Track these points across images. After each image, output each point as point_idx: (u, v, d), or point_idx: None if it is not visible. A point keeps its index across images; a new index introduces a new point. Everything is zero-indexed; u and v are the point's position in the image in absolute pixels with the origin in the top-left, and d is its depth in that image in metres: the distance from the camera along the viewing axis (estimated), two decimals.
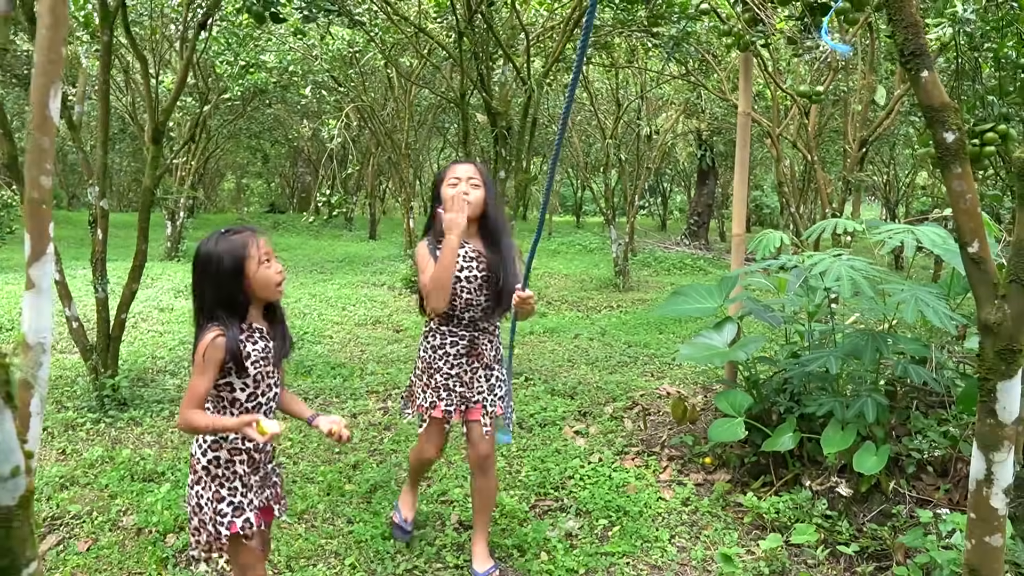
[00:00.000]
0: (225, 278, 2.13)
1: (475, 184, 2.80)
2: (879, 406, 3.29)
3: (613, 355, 6.49)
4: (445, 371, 2.90)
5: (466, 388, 2.93)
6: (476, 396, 2.94)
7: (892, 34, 2.08)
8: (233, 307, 2.16)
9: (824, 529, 3.29)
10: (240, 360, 2.14)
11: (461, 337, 2.90)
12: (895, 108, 6.23)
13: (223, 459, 2.18)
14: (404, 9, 7.15)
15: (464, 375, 2.92)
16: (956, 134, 1.97)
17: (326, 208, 6.45)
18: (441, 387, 2.90)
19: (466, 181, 2.78)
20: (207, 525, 2.16)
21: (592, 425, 4.67)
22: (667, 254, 14.48)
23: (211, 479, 2.18)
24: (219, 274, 2.13)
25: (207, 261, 2.14)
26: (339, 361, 6.05)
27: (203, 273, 2.15)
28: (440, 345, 2.91)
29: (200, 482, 2.19)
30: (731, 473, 3.95)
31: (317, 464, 4.01)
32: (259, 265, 2.17)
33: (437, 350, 2.91)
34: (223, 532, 2.16)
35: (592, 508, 3.54)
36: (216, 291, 2.13)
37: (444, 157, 20.79)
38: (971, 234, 2.02)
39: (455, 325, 2.90)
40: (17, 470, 0.98)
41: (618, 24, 5.66)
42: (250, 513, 2.20)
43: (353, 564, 3.05)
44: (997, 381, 2.07)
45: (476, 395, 2.94)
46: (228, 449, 2.18)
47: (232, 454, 2.19)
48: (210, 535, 2.16)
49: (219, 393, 2.18)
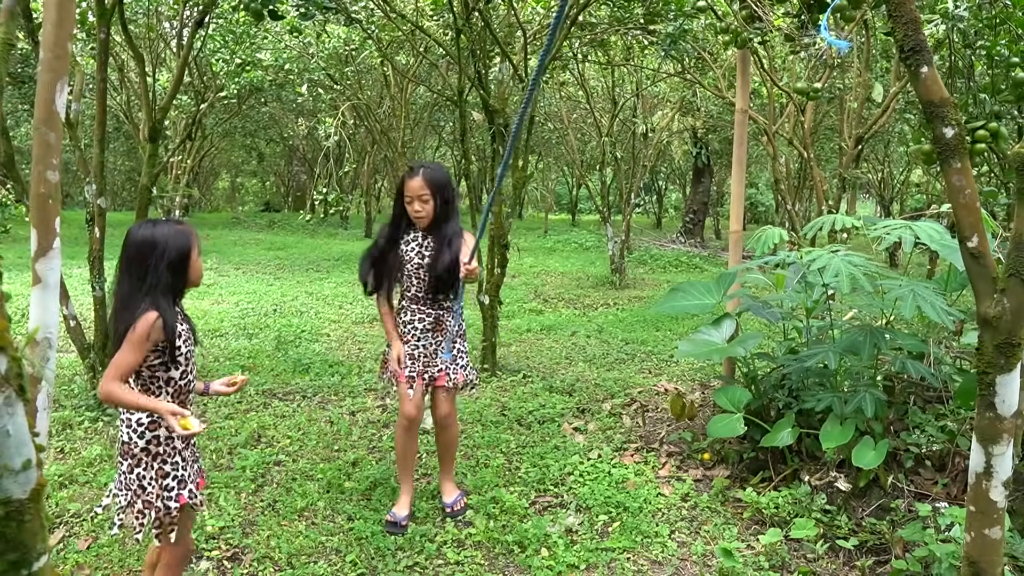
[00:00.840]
0: (174, 264, 2.26)
1: (424, 200, 3.18)
2: (877, 401, 3.30)
3: (610, 352, 6.50)
4: (412, 343, 3.32)
5: (430, 359, 3.34)
6: (441, 365, 3.35)
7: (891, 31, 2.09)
8: (175, 291, 2.30)
9: (823, 524, 3.30)
10: (174, 341, 2.27)
11: (427, 315, 3.33)
12: (891, 105, 6.24)
13: (162, 437, 2.30)
14: (401, 6, 7.14)
15: (429, 347, 3.34)
16: (955, 129, 1.98)
17: (323, 206, 6.44)
18: (407, 355, 3.32)
19: (417, 199, 3.18)
20: (155, 503, 2.29)
21: (591, 422, 4.68)
22: (663, 252, 14.50)
23: (152, 459, 2.30)
24: (167, 259, 2.25)
25: (151, 246, 2.25)
26: (337, 359, 6.05)
27: (145, 257, 2.24)
28: (410, 320, 3.34)
29: (140, 464, 2.30)
30: (730, 469, 3.96)
31: (316, 462, 4.01)
32: (199, 255, 2.36)
33: (407, 325, 3.34)
34: (173, 506, 2.30)
35: (592, 504, 3.55)
36: (160, 275, 2.24)
37: (440, 155, 20.78)
38: (970, 229, 2.04)
39: (421, 304, 3.32)
40: (29, 463, 0.98)
41: (615, 22, 5.66)
42: (191, 484, 2.36)
43: (354, 561, 3.06)
44: (996, 375, 2.09)
45: (441, 364, 3.34)
46: (166, 427, 2.28)
47: (169, 431, 2.29)
48: (159, 511, 2.29)
49: (154, 374, 2.30)
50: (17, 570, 1.05)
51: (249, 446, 4.21)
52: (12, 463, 0.96)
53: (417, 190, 3.17)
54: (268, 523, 3.34)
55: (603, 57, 8.19)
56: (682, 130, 15.11)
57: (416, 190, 3.17)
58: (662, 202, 25.59)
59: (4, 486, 0.97)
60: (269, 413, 4.76)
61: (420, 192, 3.17)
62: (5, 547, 1.02)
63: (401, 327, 3.35)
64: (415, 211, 3.20)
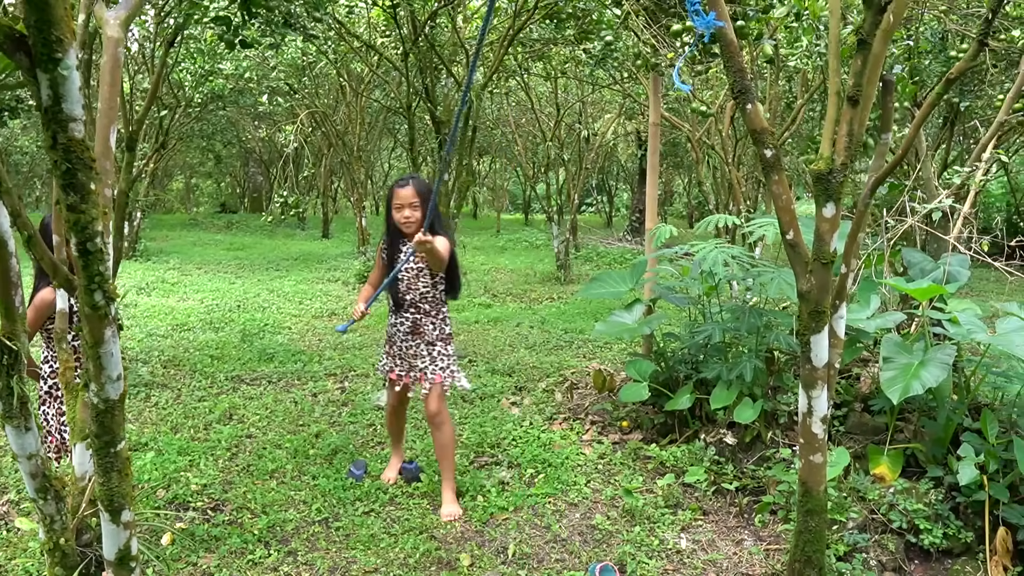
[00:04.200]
0: None
1: (415, 206, 3.49)
2: (756, 369, 3.99)
3: (551, 340, 7.14)
4: (397, 344, 3.70)
5: (411, 359, 3.68)
6: (420, 365, 3.66)
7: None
8: None
9: (713, 472, 3.97)
10: None
11: (406, 319, 3.65)
12: (799, 117, 7.01)
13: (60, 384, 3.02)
14: (353, 24, 7.67)
15: (409, 349, 3.67)
16: (773, 151, 2.65)
17: (285, 208, 6.96)
18: (396, 356, 3.73)
19: (409, 206, 3.48)
20: (55, 434, 3.07)
21: (526, 398, 5.30)
22: (609, 249, 15.23)
23: (53, 400, 3.05)
24: None
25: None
26: (298, 349, 6.58)
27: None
28: (393, 323, 3.71)
29: (44, 403, 3.07)
30: (644, 433, 4.62)
31: (283, 434, 4.56)
32: None
33: (391, 327, 3.73)
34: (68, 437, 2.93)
35: (522, 462, 4.18)
36: None
37: (395, 156, 21.26)
38: (787, 225, 2.70)
39: (403, 309, 3.65)
40: (120, 375, 1.56)
41: (548, 42, 6.30)
42: None
43: (319, 509, 3.63)
44: (810, 335, 2.76)
45: (421, 365, 3.65)
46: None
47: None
48: (58, 442, 3.08)
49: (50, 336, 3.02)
50: (107, 449, 1.63)
51: (222, 422, 4.74)
52: (112, 374, 1.54)
53: (408, 198, 3.47)
54: (244, 482, 3.89)
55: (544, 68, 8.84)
56: (627, 134, 15.88)
57: (407, 198, 3.47)
58: (612, 202, 26.42)
59: (106, 389, 1.55)
60: (239, 395, 5.28)
61: (411, 200, 3.47)
62: (102, 432, 1.60)
63: (388, 329, 3.73)
64: (405, 217, 3.47)
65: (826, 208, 2.61)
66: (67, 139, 1.08)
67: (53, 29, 1.04)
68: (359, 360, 6.23)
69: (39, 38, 1.02)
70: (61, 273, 1.42)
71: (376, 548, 3.29)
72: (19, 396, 1.66)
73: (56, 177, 1.11)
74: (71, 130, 1.08)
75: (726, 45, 2.61)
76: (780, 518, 3.57)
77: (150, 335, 6.90)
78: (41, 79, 1.05)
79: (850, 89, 2.51)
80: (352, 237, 15.62)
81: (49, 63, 1.04)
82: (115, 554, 1.72)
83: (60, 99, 1.06)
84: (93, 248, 1.21)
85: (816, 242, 2.65)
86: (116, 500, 1.65)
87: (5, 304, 1.53)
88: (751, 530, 3.56)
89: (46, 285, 2.92)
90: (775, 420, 4.19)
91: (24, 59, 1.05)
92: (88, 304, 1.30)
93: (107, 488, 1.63)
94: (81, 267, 1.24)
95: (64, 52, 1.05)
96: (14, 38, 1.04)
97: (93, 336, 1.38)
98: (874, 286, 3.97)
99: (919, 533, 3.26)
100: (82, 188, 1.12)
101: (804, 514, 2.87)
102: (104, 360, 1.45)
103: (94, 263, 1.23)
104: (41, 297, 2.94)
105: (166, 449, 4.20)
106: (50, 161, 1.11)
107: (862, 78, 2.50)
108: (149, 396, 5.22)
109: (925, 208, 3.83)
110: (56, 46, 1.04)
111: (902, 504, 3.33)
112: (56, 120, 1.08)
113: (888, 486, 3.45)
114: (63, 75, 1.06)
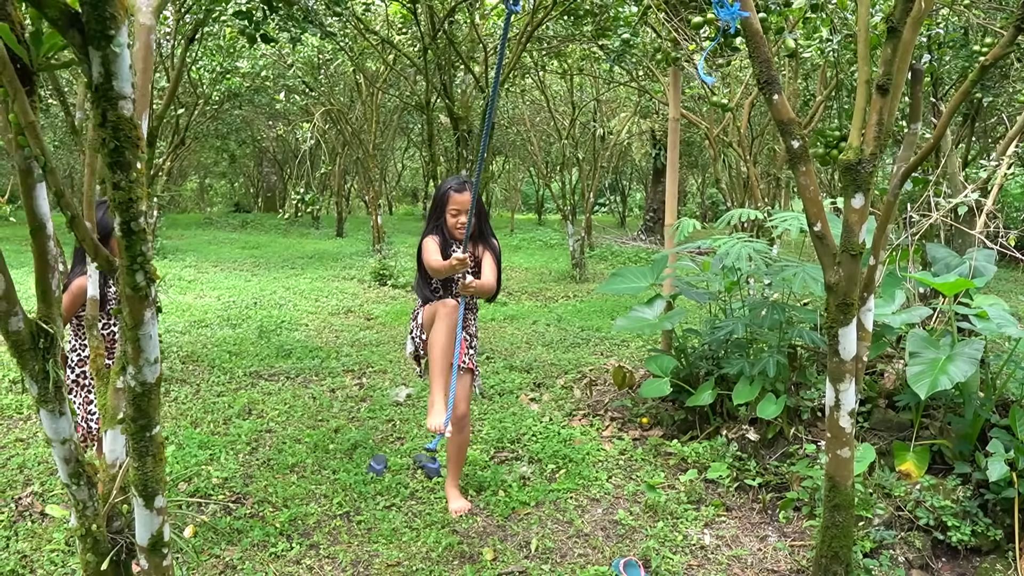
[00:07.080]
0: None
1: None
2: (779, 364, 3.96)
3: (567, 337, 7.13)
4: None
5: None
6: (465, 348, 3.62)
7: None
8: None
9: (735, 468, 3.95)
10: None
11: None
12: (816, 115, 6.95)
13: (88, 372, 3.02)
14: (371, 20, 7.69)
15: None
16: (800, 142, 2.62)
17: (302, 205, 6.98)
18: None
19: (465, 212, 3.40)
20: (80, 424, 3.04)
21: (545, 394, 5.29)
22: (623, 248, 15.19)
23: (80, 388, 3.05)
24: None
25: None
26: (316, 345, 6.59)
27: None
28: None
29: (71, 392, 3.04)
30: (664, 429, 4.60)
31: (303, 429, 4.56)
32: None
33: None
34: (94, 427, 3.03)
35: (543, 457, 4.16)
36: None
37: (408, 156, 21.28)
38: (815, 216, 2.68)
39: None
40: (157, 359, 1.56)
41: (566, 39, 6.27)
42: None
43: (340, 502, 3.63)
44: (838, 328, 2.73)
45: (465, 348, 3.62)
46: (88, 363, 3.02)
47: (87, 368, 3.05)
48: (84, 431, 3.06)
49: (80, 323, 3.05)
50: (143, 433, 1.63)
51: (242, 417, 4.75)
52: (150, 357, 1.54)
53: (467, 204, 3.39)
54: (264, 476, 3.90)
55: (561, 66, 8.82)
56: (641, 132, 15.84)
57: (465, 204, 3.40)
58: (626, 201, 26.36)
59: (144, 372, 1.55)
60: (257, 391, 5.30)
61: (469, 206, 3.37)
62: (138, 415, 1.61)
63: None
64: (462, 224, 3.42)
65: (855, 199, 2.58)
66: (116, 116, 1.08)
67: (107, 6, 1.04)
68: (376, 356, 6.23)
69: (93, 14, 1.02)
70: (102, 255, 1.42)
71: (398, 542, 3.29)
72: (54, 380, 1.67)
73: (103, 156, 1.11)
74: (121, 108, 1.09)
75: (752, 35, 2.59)
76: (804, 514, 3.55)
77: (168, 331, 6.93)
78: (93, 56, 1.05)
79: (880, 78, 2.48)
80: (366, 236, 15.64)
81: (102, 40, 1.04)
82: (148, 540, 1.72)
83: (111, 76, 1.07)
84: (136, 228, 1.21)
85: (844, 233, 2.62)
86: (150, 485, 1.66)
87: (42, 287, 1.53)
88: (775, 526, 3.54)
89: (81, 273, 2.93)
90: (798, 416, 4.16)
91: (77, 36, 1.06)
92: (129, 284, 1.30)
93: (142, 473, 1.63)
94: (124, 247, 1.24)
95: (117, 29, 1.05)
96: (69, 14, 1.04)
97: (133, 317, 1.38)
98: (898, 281, 3.93)
99: (947, 530, 3.23)
100: (129, 167, 1.12)
101: (831, 509, 2.85)
102: (143, 342, 1.45)
103: (137, 243, 1.23)
104: (78, 284, 2.95)
105: (186, 443, 4.22)
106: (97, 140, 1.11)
107: (892, 67, 2.47)
108: (168, 391, 5.24)
109: (951, 203, 3.79)
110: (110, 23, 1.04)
111: (929, 501, 3.29)
112: (107, 98, 1.08)
113: (914, 483, 3.42)
114: (115, 52, 1.06)
